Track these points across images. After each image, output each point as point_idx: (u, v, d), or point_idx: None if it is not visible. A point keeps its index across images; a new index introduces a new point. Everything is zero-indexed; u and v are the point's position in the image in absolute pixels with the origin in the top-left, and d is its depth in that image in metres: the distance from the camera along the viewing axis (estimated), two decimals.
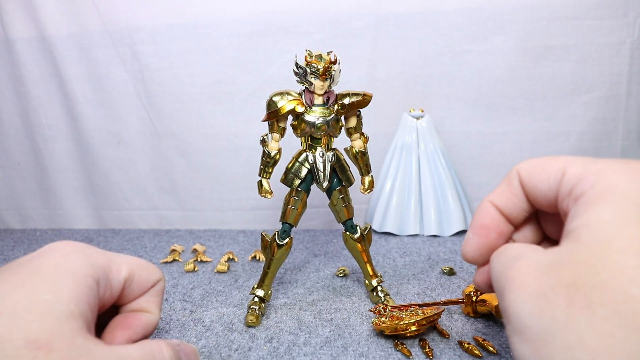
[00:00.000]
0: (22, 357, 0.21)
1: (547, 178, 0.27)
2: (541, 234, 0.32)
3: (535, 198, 0.29)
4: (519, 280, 0.23)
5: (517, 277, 0.24)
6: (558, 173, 0.26)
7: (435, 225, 0.83)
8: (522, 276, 0.24)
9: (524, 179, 0.29)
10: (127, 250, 0.79)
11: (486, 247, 0.30)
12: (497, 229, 0.30)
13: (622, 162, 0.24)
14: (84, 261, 0.26)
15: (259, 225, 0.91)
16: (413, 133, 0.85)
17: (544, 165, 0.28)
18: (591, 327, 0.20)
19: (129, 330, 0.29)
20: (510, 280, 0.24)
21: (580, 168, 0.25)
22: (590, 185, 0.24)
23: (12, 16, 0.87)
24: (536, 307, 0.22)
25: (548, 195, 0.27)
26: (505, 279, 0.25)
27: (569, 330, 0.20)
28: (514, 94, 0.85)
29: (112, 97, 0.90)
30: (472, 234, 0.31)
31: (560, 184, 0.26)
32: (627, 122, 0.86)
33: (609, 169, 0.24)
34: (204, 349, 0.45)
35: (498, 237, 0.30)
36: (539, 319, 0.21)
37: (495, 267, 0.27)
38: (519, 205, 0.30)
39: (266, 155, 0.52)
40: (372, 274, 0.55)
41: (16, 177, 0.96)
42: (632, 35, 0.82)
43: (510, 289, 0.24)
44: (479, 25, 0.83)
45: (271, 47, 0.85)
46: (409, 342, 0.44)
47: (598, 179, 0.24)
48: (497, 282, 0.26)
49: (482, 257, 0.30)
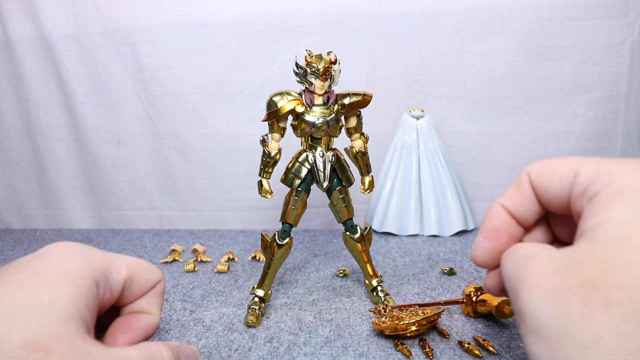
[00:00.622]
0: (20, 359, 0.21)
1: (559, 179, 0.27)
2: (551, 236, 0.32)
3: (546, 199, 0.28)
4: (534, 280, 0.23)
5: (532, 276, 0.23)
6: (570, 174, 0.26)
7: (435, 225, 0.83)
8: (537, 275, 0.23)
9: (535, 181, 0.29)
10: (127, 251, 0.79)
11: (497, 250, 0.30)
12: (508, 231, 0.30)
13: (635, 162, 0.24)
14: (83, 262, 0.26)
15: (259, 225, 0.91)
16: (413, 133, 0.85)
17: (555, 166, 0.27)
18: (609, 327, 0.19)
19: (130, 333, 0.28)
20: (525, 279, 0.24)
21: (594, 168, 0.25)
22: (605, 184, 0.23)
23: (12, 16, 0.87)
24: (552, 306, 0.21)
25: (560, 196, 0.27)
26: (519, 279, 0.24)
27: (587, 330, 0.20)
28: (514, 94, 0.85)
29: (112, 97, 0.90)
30: (482, 238, 0.30)
31: (573, 185, 0.26)
32: (627, 122, 0.86)
33: (623, 168, 0.24)
34: (204, 349, 0.45)
35: (509, 240, 0.30)
36: (556, 318, 0.21)
37: (507, 268, 0.27)
38: (530, 208, 0.30)
39: (266, 155, 0.52)
40: (372, 274, 0.55)
41: (16, 177, 0.96)
42: (632, 35, 0.82)
43: (525, 288, 0.23)
44: (479, 25, 0.83)
45: (271, 47, 0.85)
46: (409, 342, 0.44)
47: (612, 178, 0.23)
48: (510, 283, 0.26)
49: (492, 261, 0.30)
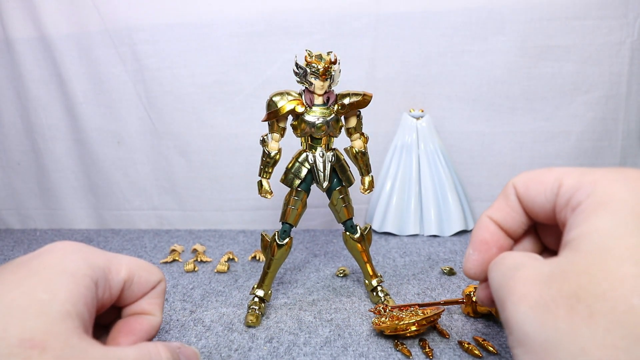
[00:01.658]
0: (16, 356, 0.21)
1: (544, 190, 0.27)
2: (540, 246, 0.32)
3: (532, 210, 0.29)
4: (520, 292, 0.23)
5: (518, 288, 0.24)
6: (554, 184, 0.26)
7: (435, 225, 0.83)
8: (523, 287, 0.23)
9: (521, 192, 0.29)
10: (127, 251, 0.79)
11: (487, 262, 0.30)
12: (497, 243, 0.30)
13: (617, 171, 0.24)
14: (82, 262, 0.26)
15: (259, 225, 0.91)
16: (413, 133, 0.85)
17: (539, 177, 0.28)
18: (594, 338, 0.20)
19: (132, 335, 0.28)
20: (511, 291, 0.24)
21: (576, 178, 0.25)
22: (587, 194, 0.24)
23: (12, 16, 0.87)
24: (538, 318, 0.22)
25: (545, 206, 0.27)
26: (506, 290, 0.25)
27: (572, 341, 0.20)
28: (514, 94, 0.85)
29: (112, 97, 0.90)
30: (472, 250, 0.30)
31: (557, 195, 0.26)
32: (627, 122, 0.86)
33: (605, 178, 0.24)
34: (204, 349, 0.45)
35: (498, 251, 0.30)
36: (542, 330, 0.21)
37: (494, 278, 0.27)
38: (517, 219, 0.30)
39: (266, 155, 0.52)
40: (372, 274, 0.55)
41: (16, 177, 0.96)
42: (632, 35, 0.82)
43: (512, 300, 0.24)
44: (479, 25, 0.82)
45: (271, 47, 0.85)
46: (409, 342, 0.44)
47: (594, 188, 0.24)
48: (497, 293, 0.26)
49: (483, 273, 0.30)
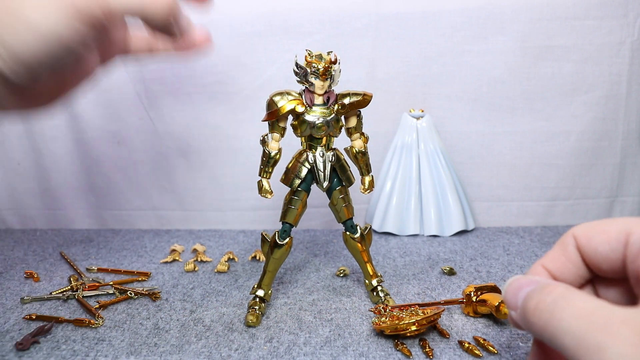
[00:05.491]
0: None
1: (609, 240, 0.27)
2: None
3: (595, 262, 0.28)
4: (630, 340, 0.22)
5: (624, 333, 0.22)
6: (620, 234, 0.26)
7: (435, 225, 0.83)
8: (632, 334, 0.22)
9: (582, 243, 0.28)
10: (127, 250, 0.79)
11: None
12: None
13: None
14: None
15: (259, 225, 0.91)
16: (413, 133, 0.85)
17: (602, 227, 0.27)
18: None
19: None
20: (609, 335, 0.22)
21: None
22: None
23: None
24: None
25: (610, 257, 0.27)
26: (598, 334, 0.22)
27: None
28: (514, 94, 0.85)
29: (112, 97, 0.89)
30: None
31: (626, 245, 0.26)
32: (627, 122, 0.86)
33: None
34: (204, 349, 0.45)
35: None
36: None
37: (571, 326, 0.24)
38: (574, 272, 0.29)
39: (266, 155, 0.52)
40: (372, 274, 0.55)
41: (16, 177, 0.96)
42: (632, 35, 0.82)
43: (612, 344, 0.22)
44: (479, 25, 0.82)
45: (271, 47, 0.85)
46: (409, 342, 0.44)
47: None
48: (582, 341, 0.23)
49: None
